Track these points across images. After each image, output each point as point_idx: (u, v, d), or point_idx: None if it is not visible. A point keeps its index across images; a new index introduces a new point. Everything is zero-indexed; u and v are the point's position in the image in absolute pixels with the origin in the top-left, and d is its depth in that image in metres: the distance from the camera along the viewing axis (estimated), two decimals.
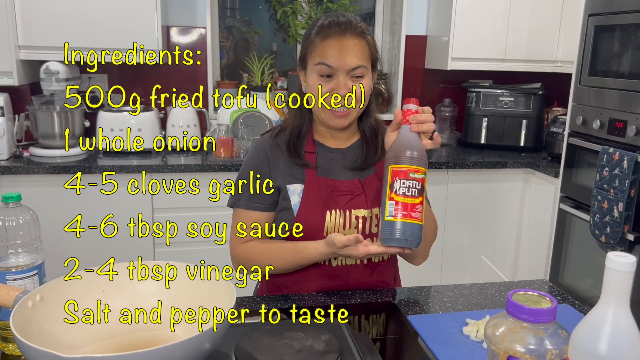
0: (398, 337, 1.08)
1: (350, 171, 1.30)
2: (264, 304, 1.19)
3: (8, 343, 0.95)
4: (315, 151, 1.31)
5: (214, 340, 0.81)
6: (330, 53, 1.19)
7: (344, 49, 1.19)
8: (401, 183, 1.06)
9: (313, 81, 1.23)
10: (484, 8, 2.92)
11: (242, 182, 1.32)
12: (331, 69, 1.20)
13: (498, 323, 0.78)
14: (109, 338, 0.93)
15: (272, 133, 1.34)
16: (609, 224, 2.14)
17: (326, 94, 1.22)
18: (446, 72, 3.03)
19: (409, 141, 1.09)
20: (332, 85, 1.21)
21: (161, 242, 2.57)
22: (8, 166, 2.38)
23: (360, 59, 1.21)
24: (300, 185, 1.28)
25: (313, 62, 1.22)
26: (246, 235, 1.31)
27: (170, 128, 2.79)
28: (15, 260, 0.96)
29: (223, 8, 3.22)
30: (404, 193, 1.06)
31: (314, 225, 1.25)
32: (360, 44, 1.21)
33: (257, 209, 1.31)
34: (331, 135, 1.33)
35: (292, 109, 1.33)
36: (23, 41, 2.53)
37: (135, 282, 0.98)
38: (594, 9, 2.34)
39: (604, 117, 2.29)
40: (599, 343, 0.64)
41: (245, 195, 1.32)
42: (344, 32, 1.20)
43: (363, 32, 1.22)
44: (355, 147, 1.34)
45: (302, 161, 1.28)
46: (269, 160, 1.30)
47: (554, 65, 3.03)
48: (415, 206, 1.07)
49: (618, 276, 0.63)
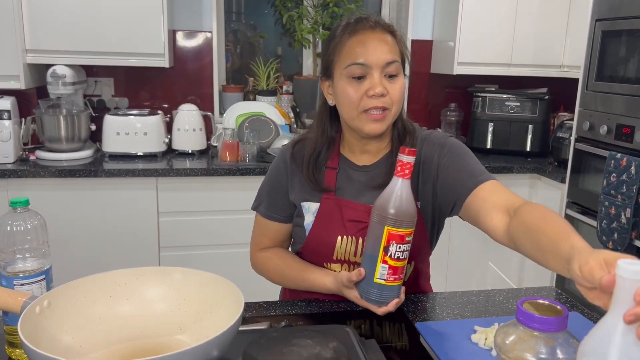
0: (405, 344, 1.07)
1: (371, 191, 1.20)
2: (272, 310, 1.19)
3: (15, 348, 0.95)
4: (337, 167, 1.23)
5: (222, 347, 0.81)
6: (361, 50, 1.10)
7: (375, 43, 1.10)
8: (397, 247, 1.03)
9: (343, 87, 1.13)
10: (490, 12, 2.91)
11: (266, 187, 1.31)
12: (364, 67, 1.10)
13: (508, 331, 0.77)
14: (116, 344, 0.93)
15: (293, 143, 1.28)
16: (617, 230, 2.13)
17: (360, 97, 1.12)
18: (452, 76, 3.02)
19: (405, 199, 1.03)
20: (366, 86, 1.11)
21: (167, 246, 2.57)
22: (14, 169, 2.38)
23: (394, 54, 1.12)
24: (315, 204, 1.23)
25: (342, 65, 1.13)
26: (264, 242, 1.31)
27: (176, 132, 2.80)
28: (22, 265, 0.96)
29: (228, 12, 3.22)
30: (398, 257, 1.04)
31: (324, 248, 1.23)
32: (391, 40, 1.13)
33: (274, 219, 1.30)
34: (361, 150, 1.24)
35: (314, 123, 1.26)
36: (30, 45, 2.54)
37: (142, 287, 0.98)
38: (601, 14, 2.33)
39: (611, 123, 2.28)
40: (609, 353, 0.62)
41: (264, 203, 1.30)
42: (373, 27, 1.12)
43: (391, 27, 1.15)
44: (382, 162, 1.24)
45: (316, 186, 1.22)
46: (288, 174, 1.26)
47: (561, 70, 3.02)
48: (404, 268, 1.06)
49: (629, 284, 0.62)
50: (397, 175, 1.05)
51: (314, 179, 1.22)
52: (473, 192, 1.12)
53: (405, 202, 1.03)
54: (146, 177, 2.47)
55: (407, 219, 1.04)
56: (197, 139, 2.81)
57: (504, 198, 1.08)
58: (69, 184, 2.43)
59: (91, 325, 0.92)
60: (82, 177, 2.42)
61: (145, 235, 2.53)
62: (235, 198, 2.57)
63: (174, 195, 2.53)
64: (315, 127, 1.25)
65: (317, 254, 1.24)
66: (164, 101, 3.05)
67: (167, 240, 2.56)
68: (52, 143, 2.62)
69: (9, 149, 2.48)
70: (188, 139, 2.79)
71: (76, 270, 2.04)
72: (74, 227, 2.46)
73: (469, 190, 1.13)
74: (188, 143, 2.79)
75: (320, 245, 1.23)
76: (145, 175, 2.47)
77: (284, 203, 1.28)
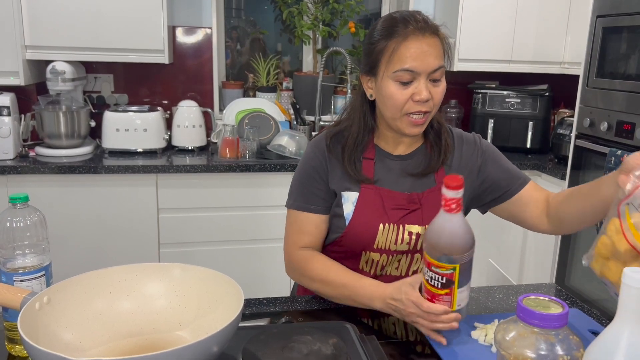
0: (406, 340, 1.07)
1: (410, 179, 1.24)
2: (272, 306, 1.19)
3: (15, 344, 0.95)
4: (374, 157, 1.26)
5: (222, 343, 0.81)
6: (412, 56, 1.11)
7: (425, 49, 1.11)
8: (426, 270, 1.01)
9: (390, 90, 1.14)
10: (491, 9, 2.90)
11: (300, 181, 1.28)
12: (412, 74, 1.12)
13: (508, 328, 0.77)
14: (116, 340, 0.93)
15: (328, 135, 1.27)
16: None
17: (406, 101, 1.14)
18: (452, 73, 3.01)
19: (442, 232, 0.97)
20: (412, 91, 1.13)
21: (167, 242, 2.57)
22: (14, 166, 2.38)
23: (440, 58, 1.14)
24: (355, 193, 1.23)
25: (390, 68, 1.13)
26: (303, 239, 1.26)
27: (175, 128, 2.79)
28: (22, 261, 0.96)
29: (228, 8, 3.21)
30: (427, 281, 1.01)
31: (365, 236, 1.22)
32: (438, 43, 1.14)
33: (313, 211, 1.26)
34: (395, 141, 1.26)
35: (355, 115, 1.26)
36: (29, 41, 2.53)
37: (142, 284, 0.98)
38: (602, 10, 2.32)
39: (611, 119, 2.27)
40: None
41: (301, 197, 1.27)
42: (423, 31, 1.12)
43: (438, 28, 1.15)
44: (417, 153, 1.28)
45: (358, 176, 1.23)
46: (327, 162, 1.25)
47: (561, 66, 3.02)
48: (440, 296, 1.00)
49: (635, 293, 0.61)
50: (446, 211, 0.97)
51: (354, 168, 1.23)
52: (519, 192, 1.26)
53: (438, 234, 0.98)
54: (146, 173, 2.47)
55: (433, 249, 0.99)
56: (197, 135, 2.81)
57: (543, 194, 1.26)
58: (68, 181, 2.43)
59: (91, 322, 0.92)
60: (81, 174, 2.42)
61: (145, 232, 2.53)
62: (235, 194, 2.57)
63: (174, 192, 2.53)
64: (357, 119, 1.26)
65: (357, 242, 1.23)
66: (163, 97, 3.04)
67: (167, 236, 2.56)
68: (52, 139, 2.62)
69: (9, 145, 2.48)
70: (188, 135, 2.79)
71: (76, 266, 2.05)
72: (74, 224, 2.46)
73: (516, 191, 1.26)
74: (188, 139, 2.79)
75: (362, 234, 1.22)
76: (145, 171, 2.47)
77: (324, 192, 1.26)
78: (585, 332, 1.09)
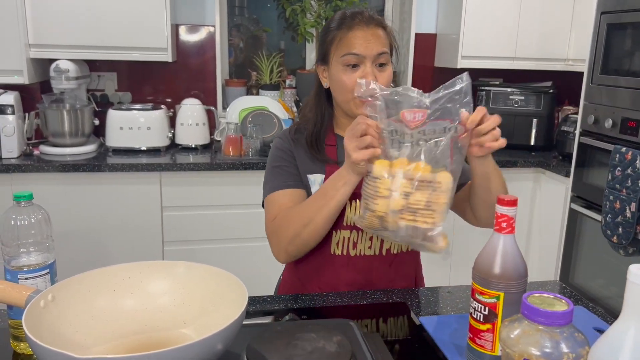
0: (409, 338, 1.07)
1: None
2: (276, 304, 1.19)
3: (20, 342, 0.95)
4: (335, 144, 1.34)
5: (226, 341, 0.81)
6: (357, 42, 1.23)
7: (369, 37, 1.23)
8: (471, 301, 0.95)
9: (339, 74, 1.25)
10: (495, 5, 2.89)
11: (273, 169, 1.33)
12: (358, 57, 1.23)
13: (513, 325, 0.77)
14: (120, 338, 0.93)
15: (292, 128, 1.38)
16: (621, 224, 2.12)
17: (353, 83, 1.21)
18: (456, 70, 3.01)
19: (484, 252, 0.92)
20: (359, 74, 1.23)
21: (170, 240, 2.57)
22: (18, 164, 2.39)
23: (384, 46, 1.26)
24: (321, 175, 1.30)
25: (338, 54, 1.25)
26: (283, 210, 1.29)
27: (179, 126, 2.79)
28: (27, 259, 0.96)
29: (231, 6, 3.21)
30: (471, 313, 0.95)
31: None
32: (382, 33, 1.27)
33: (293, 187, 1.30)
34: None
35: (311, 105, 1.37)
36: (33, 40, 2.54)
37: (146, 281, 0.98)
38: (607, 6, 2.31)
39: (616, 116, 2.26)
40: (621, 359, 0.61)
41: (276, 179, 1.32)
42: (368, 23, 1.25)
43: (383, 22, 1.29)
44: None
45: (322, 156, 1.31)
46: (293, 150, 1.34)
47: (565, 63, 3.01)
48: (480, 332, 0.92)
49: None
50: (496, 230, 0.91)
51: (317, 152, 1.32)
52: (467, 184, 1.29)
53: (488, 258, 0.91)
54: (150, 171, 2.47)
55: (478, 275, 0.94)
56: (201, 133, 2.81)
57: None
58: (72, 179, 2.43)
59: (95, 319, 0.92)
60: (85, 172, 2.43)
61: (149, 230, 2.54)
62: (238, 192, 2.57)
63: (178, 190, 2.53)
64: (314, 108, 1.36)
65: None
66: (167, 96, 3.04)
67: (170, 234, 2.57)
68: (56, 138, 2.62)
69: (13, 144, 2.48)
70: (191, 133, 2.79)
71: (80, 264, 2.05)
72: (78, 222, 2.47)
73: (467, 180, 1.28)
74: (191, 137, 2.79)
75: None
76: (149, 169, 2.47)
77: (297, 171, 1.32)
78: (590, 330, 1.08)
